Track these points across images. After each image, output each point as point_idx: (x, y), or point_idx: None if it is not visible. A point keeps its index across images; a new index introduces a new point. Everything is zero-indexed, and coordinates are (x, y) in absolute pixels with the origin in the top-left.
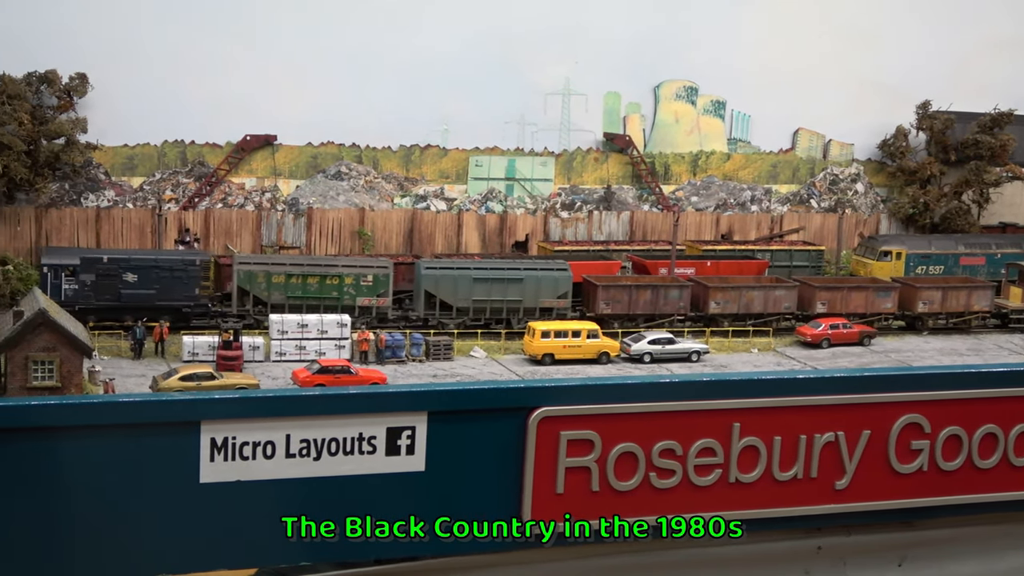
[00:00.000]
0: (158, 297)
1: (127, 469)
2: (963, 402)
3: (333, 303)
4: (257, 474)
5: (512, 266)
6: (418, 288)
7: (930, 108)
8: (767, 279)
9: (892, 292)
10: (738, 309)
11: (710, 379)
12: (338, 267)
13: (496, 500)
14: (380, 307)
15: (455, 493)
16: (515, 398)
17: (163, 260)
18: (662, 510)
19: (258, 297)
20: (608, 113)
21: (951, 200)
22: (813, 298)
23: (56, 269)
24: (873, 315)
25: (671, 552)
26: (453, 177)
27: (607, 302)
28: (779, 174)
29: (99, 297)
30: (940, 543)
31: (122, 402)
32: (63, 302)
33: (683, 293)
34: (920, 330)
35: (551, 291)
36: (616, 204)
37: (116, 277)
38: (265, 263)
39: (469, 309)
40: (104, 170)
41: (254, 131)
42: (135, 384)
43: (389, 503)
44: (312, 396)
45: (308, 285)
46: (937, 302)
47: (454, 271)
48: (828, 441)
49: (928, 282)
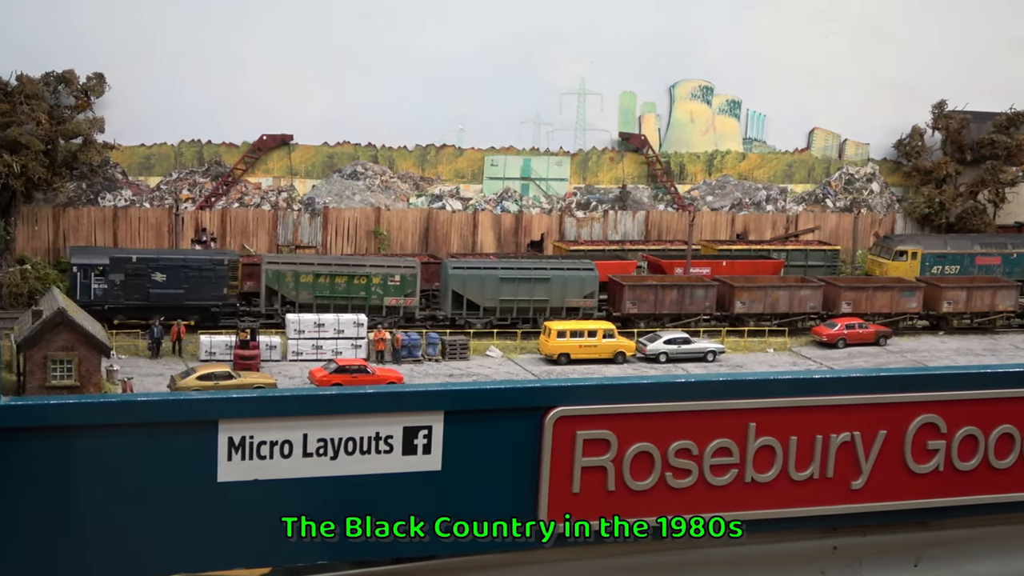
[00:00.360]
0: (187, 297)
1: (145, 468)
2: (979, 402)
3: (361, 303)
4: (274, 473)
5: (539, 266)
6: (445, 288)
7: (946, 108)
8: (792, 279)
9: (917, 292)
10: (763, 309)
11: (726, 379)
12: (366, 267)
13: (512, 499)
14: (407, 307)
15: (471, 492)
16: (531, 398)
17: (192, 260)
18: (678, 510)
19: (286, 297)
20: (623, 113)
21: (967, 200)
22: (838, 298)
23: (85, 269)
24: (898, 315)
25: (687, 552)
26: (468, 177)
27: (633, 302)
28: (794, 174)
29: (128, 296)
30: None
31: (140, 401)
32: (92, 301)
33: (709, 293)
34: (944, 330)
35: (578, 291)
36: (631, 204)
37: (145, 277)
38: (293, 263)
39: (496, 308)
40: (121, 170)
41: (270, 131)
42: (153, 383)
43: (406, 502)
44: (329, 395)
45: (336, 285)
46: (962, 302)
47: (481, 271)
48: (844, 441)
49: (953, 282)
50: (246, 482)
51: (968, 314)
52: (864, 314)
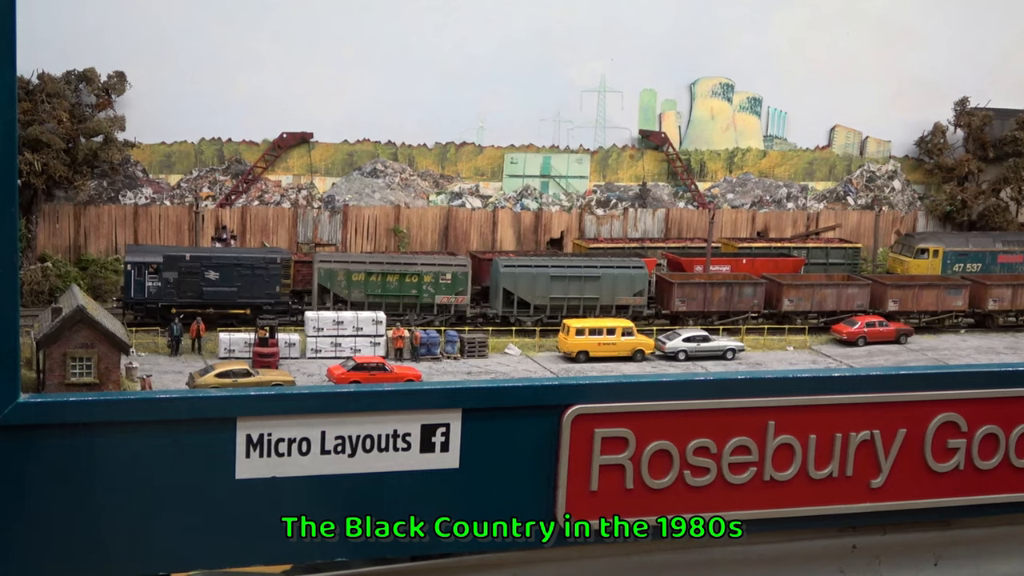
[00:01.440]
0: (239, 295)
1: (163, 465)
2: (1000, 401)
3: (412, 301)
4: (292, 471)
5: (589, 264)
6: (496, 286)
7: (968, 105)
8: (839, 277)
9: (963, 290)
10: (811, 307)
11: (745, 377)
12: (417, 265)
13: (530, 497)
14: (459, 305)
15: (489, 490)
16: (549, 396)
17: (244, 258)
18: (697, 508)
19: (338, 295)
20: (644, 110)
21: (989, 197)
22: (885, 296)
23: (139, 267)
24: (943, 313)
25: (706, 550)
26: (488, 174)
27: (682, 299)
28: (815, 171)
29: (181, 295)
30: (977, 542)
31: (159, 399)
32: (146, 299)
33: (757, 291)
34: (991, 327)
35: (627, 288)
36: (651, 201)
37: (198, 275)
38: (345, 261)
39: (547, 307)
40: (142, 168)
41: (291, 129)
42: (172, 380)
43: (424, 500)
44: (347, 393)
45: (387, 283)
46: (1007, 299)
47: (532, 269)
48: (863, 440)
49: (998, 279)
50: (264, 479)
51: (1014, 312)
52: (910, 312)
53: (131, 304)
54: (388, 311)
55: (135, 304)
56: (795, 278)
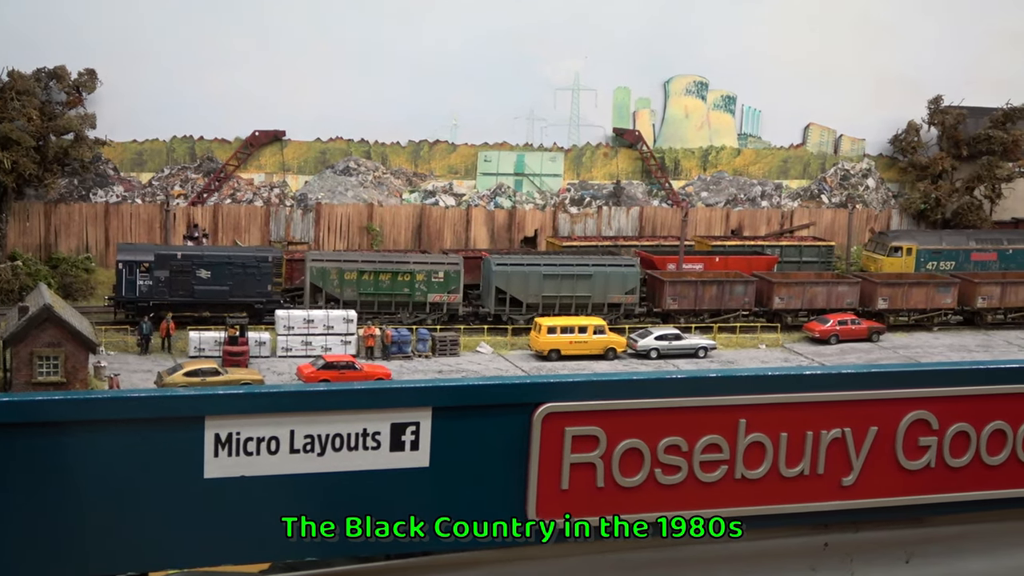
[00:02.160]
0: (231, 293)
1: (132, 464)
2: (971, 399)
3: (404, 300)
4: (261, 470)
5: (581, 262)
6: (488, 284)
7: (942, 103)
8: (829, 275)
9: (952, 287)
10: (801, 304)
11: (716, 375)
12: (409, 264)
13: (501, 496)
14: (451, 303)
15: (460, 489)
16: (520, 394)
17: (236, 256)
18: (667, 506)
19: (330, 294)
20: (618, 108)
21: (963, 195)
22: (875, 294)
23: (131, 265)
24: (933, 310)
25: (677, 548)
26: (462, 172)
27: (674, 297)
28: (789, 169)
29: (173, 293)
30: (948, 540)
31: (126, 398)
32: (138, 297)
33: (748, 289)
34: (979, 325)
35: (619, 287)
36: (625, 200)
37: (190, 273)
38: (338, 260)
39: (539, 305)
40: (113, 166)
41: (263, 127)
42: (140, 380)
43: (394, 499)
44: (316, 392)
45: (380, 282)
46: (996, 297)
47: (525, 267)
48: (835, 438)
49: (987, 277)
50: (233, 478)
51: (1002, 309)
52: (900, 310)
53: (123, 302)
54: (380, 309)
55: (127, 302)
56: (785, 276)
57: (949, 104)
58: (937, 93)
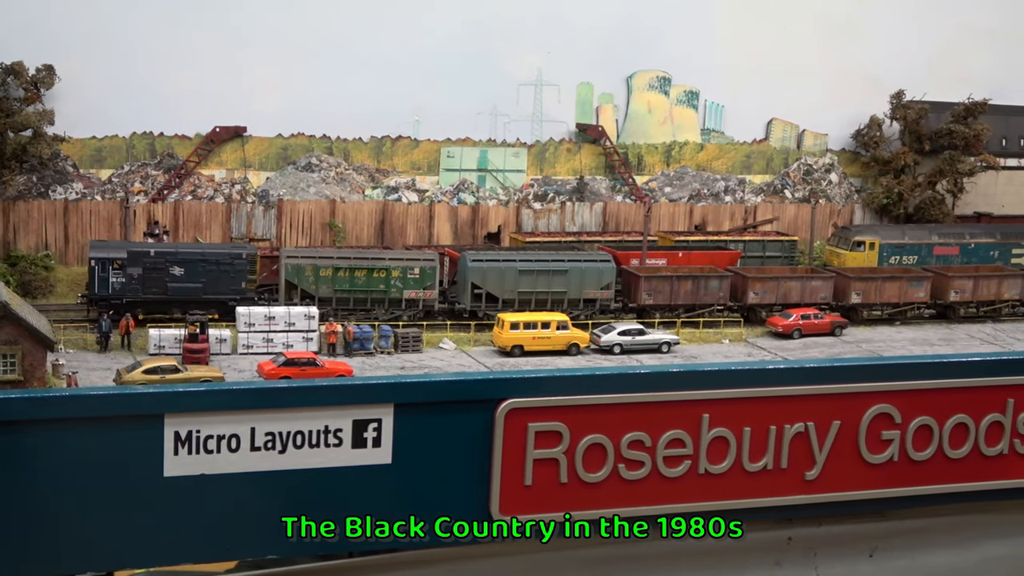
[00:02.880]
0: (205, 290)
1: (90, 463)
2: (933, 392)
3: (380, 296)
4: (222, 467)
5: (557, 258)
6: (464, 280)
7: (904, 98)
8: (803, 269)
9: (925, 281)
10: (776, 299)
11: (679, 370)
12: (385, 260)
13: (464, 492)
14: (427, 300)
15: (422, 485)
16: (483, 390)
17: (210, 253)
18: (631, 502)
19: (305, 291)
20: (581, 104)
21: (925, 190)
22: (848, 288)
23: (103, 263)
24: (906, 304)
25: (641, 544)
26: (424, 168)
27: (649, 292)
28: (753, 164)
29: (146, 290)
30: (912, 533)
31: (85, 396)
32: (111, 295)
33: (723, 283)
34: (950, 319)
35: (595, 282)
36: (589, 195)
37: (163, 271)
38: (313, 257)
39: (515, 301)
40: (72, 162)
41: (224, 123)
42: (99, 377)
43: (356, 496)
44: (277, 389)
45: (356, 279)
46: (969, 290)
47: (501, 263)
48: (798, 432)
49: (960, 271)
50: (193, 476)
51: (975, 302)
52: (874, 304)
53: (96, 300)
54: (356, 306)
55: (100, 300)
56: (760, 271)
57: (911, 99)
58: (899, 88)
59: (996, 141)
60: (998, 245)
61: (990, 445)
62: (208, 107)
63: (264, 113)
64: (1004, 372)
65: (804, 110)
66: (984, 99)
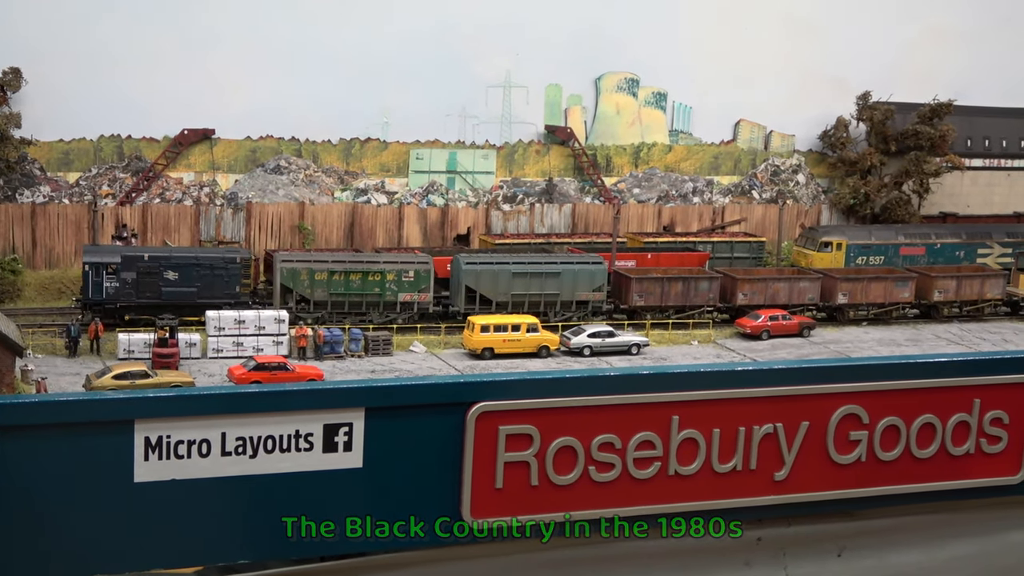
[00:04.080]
0: (199, 295)
1: (60, 469)
2: (901, 393)
3: (375, 299)
4: (193, 473)
5: (550, 260)
6: (458, 283)
7: (870, 99)
8: (790, 271)
9: (909, 282)
10: (764, 300)
11: (649, 372)
12: (380, 263)
13: (435, 496)
14: (421, 302)
15: (394, 489)
16: (453, 393)
17: (204, 258)
18: (602, 503)
19: (301, 295)
20: (549, 105)
21: (891, 190)
22: (835, 289)
23: (97, 267)
24: (891, 304)
25: (612, 545)
26: (394, 170)
27: (640, 294)
28: (721, 165)
29: (140, 295)
30: (880, 533)
31: (54, 401)
32: (104, 299)
33: (712, 285)
34: (934, 319)
35: (587, 284)
36: (558, 197)
37: (157, 275)
38: (308, 260)
39: (508, 303)
40: (39, 165)
41: (192, 125)
42: (69, 383)
43: (327, 500)
44: (247, 393)
45: (351, 282)
46: (952, 290)
47: (494, 266)
48: (767, 433)
49: (944, 271)
50: (164, 482)
51: (958, 302)
52: (859, 304)
53: (89, 304)
54: (351, 309)
55: (93, 304)
56: (748, 272)
57: (877, 100)
58: (865, 89)
59: (961, 142)
60: (963, 245)
61: (957, 445)
62: (176, 109)
63: (232, 115)
64: (970, 372)
65: (771, 111)
66: (949, 100)
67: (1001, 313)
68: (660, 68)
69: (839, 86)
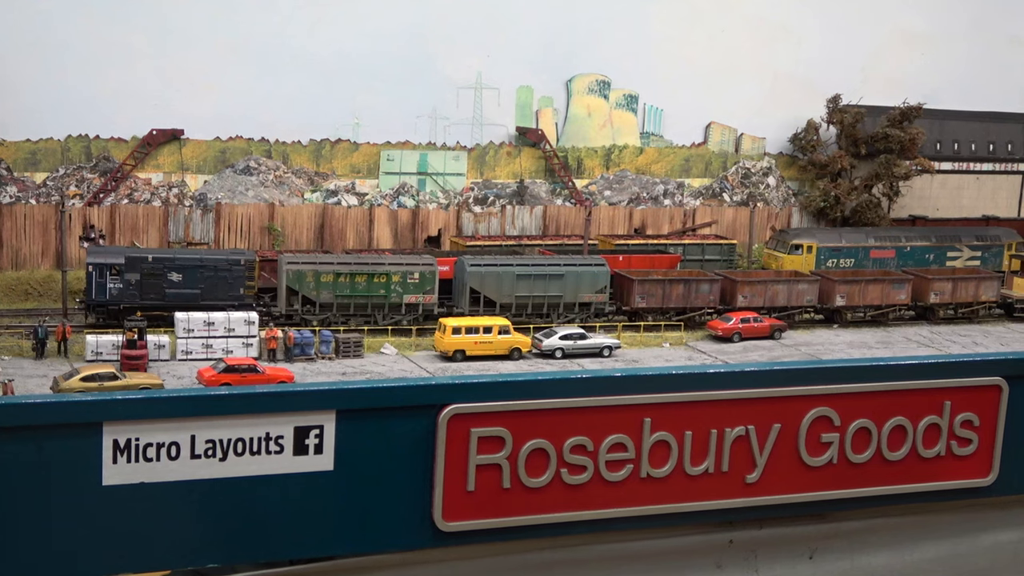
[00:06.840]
0: (203, 296)
1: (27, 473)
2: (872, 395)
3: (380, 301)
4: (162, 476)
5: (553, 262)
6: (462, 285)
7: (840, 102)
8: (788, 273)
9: (906, 284)
10: (764, 302)
11: (621, 374)
12: (385, 265)
13: (406, 498)
14: (426, 304)
15: (365, 492)
16: (425, 395)
17: (208, 259)
18: (574, 506)
19: (307, 297)
20: (520, 107)
21: (861, 193)
22: (833, 291)
23: (101, 268)
24: (888, 307)
25: (583, 548)
26: (364, 172)
27: (642, 296)
28: (691, 168)
29: (144, 296)
30: (851, 535)
31: (20, 404)
32: (108, 300)
33: (713, 287)
34: (931, 320)
35: (590, 286)
36: (529, 199)
37: (161, 276)
38: (313, 262)
39: (512, 305)
40: (6, 166)
41: (160, 125)
42: (36, 385)
43: (298, 503)
44: (217, 396)
45: (356, 284)
46: (948, 293)
47: (499, 268)
48: (739, 435)
49: (939, 273)
50: (132, 485)
51: (953, 304)
52: (857, 306)
53: (93, 306)
54: (356, 311)
55: (97, 306)
56: (747, 275)
57: (847, 103)
58: (835, 92)
59: (931, 145)
60: (933, 248)
61: (927, 447)
62: (144, 109)
63: (202, 115)
64: (941, 375)
65: (742, 114)
66: (919, 103)
67: (995, 315)
68: (631, 70)
69: (809, 89)
